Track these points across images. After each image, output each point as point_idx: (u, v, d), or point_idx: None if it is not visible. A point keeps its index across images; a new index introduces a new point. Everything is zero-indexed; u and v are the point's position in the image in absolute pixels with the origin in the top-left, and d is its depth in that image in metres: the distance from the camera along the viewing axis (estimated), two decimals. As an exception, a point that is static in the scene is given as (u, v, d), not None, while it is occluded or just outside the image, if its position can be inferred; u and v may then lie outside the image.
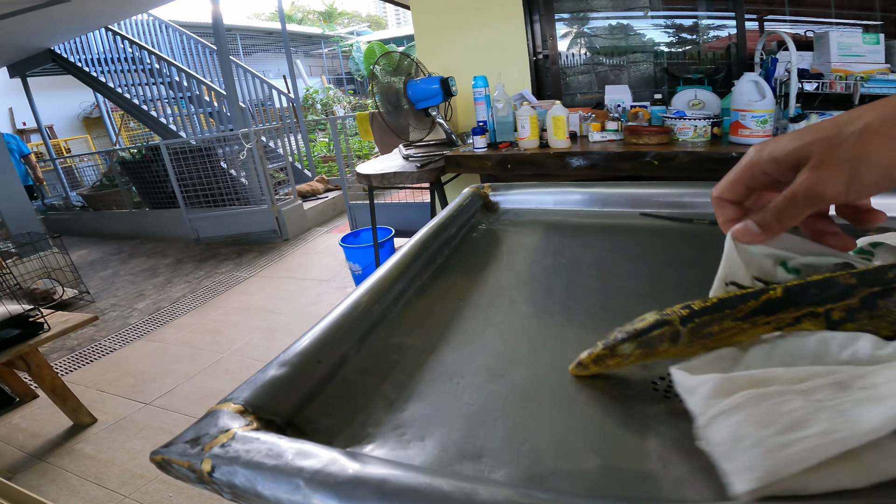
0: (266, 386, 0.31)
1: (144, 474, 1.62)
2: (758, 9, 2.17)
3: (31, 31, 4.69)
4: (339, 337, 0.37)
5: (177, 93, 5.74)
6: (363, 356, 0.38)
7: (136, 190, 4.99)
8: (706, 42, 2.31)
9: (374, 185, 2.04)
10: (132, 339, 2.65)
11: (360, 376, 0.36)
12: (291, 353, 0.34)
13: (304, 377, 0.33)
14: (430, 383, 0.35)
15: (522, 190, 0.73)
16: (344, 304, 0.41)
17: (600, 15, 2.42)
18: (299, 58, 12.19)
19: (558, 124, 1.78)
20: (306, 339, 0.36)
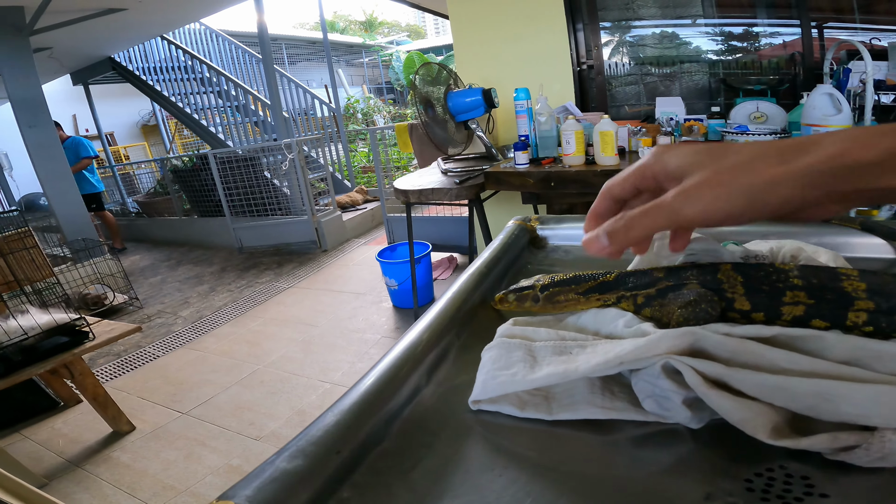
0: (273, 481, 0.26)
1: (175, 486, 1.63)
2: (823, 16, 2.00)
3: (92, 39, 4.96)
4: (365, 419, 0.32)
5: (225, 102, 5.91)
6: (391, 439, 0.32)
7: (186, 197, 5.16)
8: (760, 50, 2.15)
9: (411, 200, 1.99)
10: (175, 346, 2.71)
11: (387, 464, 0.30)
12: (306, 440, 0.29)
13: (320, 470, 0.27)
14: (467, 474, 0.29)
15: (573, 223, 0.65)
16: (371, 376, 0.35)
17: (649, 23, 2.30)
18: (341, 67, 12.44)
19: (606, 139, 1.68)
20: (325, 423, 0.30)
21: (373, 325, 2.61)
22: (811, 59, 2.01)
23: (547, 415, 0.31)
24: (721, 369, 0.27)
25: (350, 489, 0.28)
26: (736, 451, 0.27)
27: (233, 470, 1.67)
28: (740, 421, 0.26)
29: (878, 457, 0.24)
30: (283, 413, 1.95)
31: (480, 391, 0.33)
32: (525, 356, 0.33)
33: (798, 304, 0.32)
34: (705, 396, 0.27)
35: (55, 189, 3.74)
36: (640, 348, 0.29)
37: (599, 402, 0.31)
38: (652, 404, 0.29)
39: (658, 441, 0.29)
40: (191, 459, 1.75)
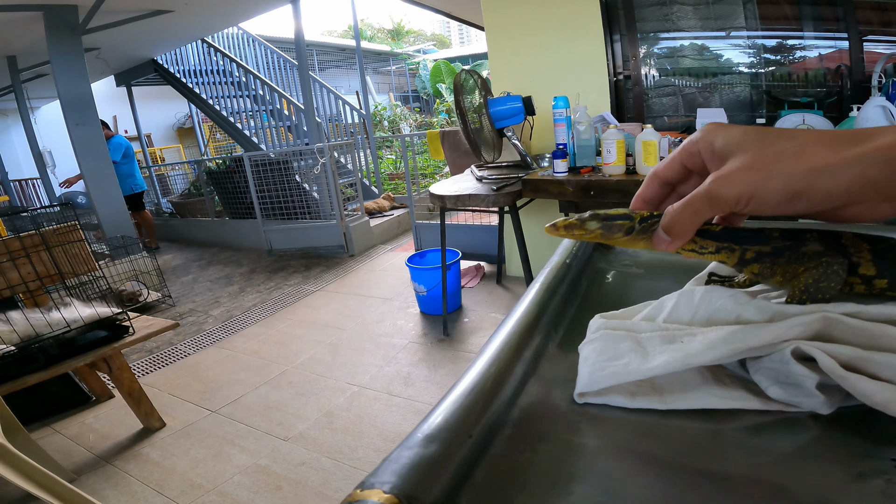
0: (414, 467, 0.25)
1: (203, 484, 1.64)
2: (871, 29, 1.94)
3: (138, 41, 5.13)
4: (489, 403, 0.31)
5: (260, 106, 6.04)
6: (511, 424, 0.32)
7: (219, 199, 5.27)
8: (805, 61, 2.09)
9: (447, 206, 1.99)
10: (206, 344, 2.75)
11: (512, 450, 0.29)
12: (436, 426, 0.28)
13: (455, 455, 0.27)
14: (597, 456, 0.28)
15: None
16: (480, 362, 0.34)
17: (688, 34, 2.27)
18: (369, 74, 12.60)
19: (649, 150, 1.65)
20: (450, 408, 0.29)
21: (400, 330, 2.61)
22: (859, 72, 1.96)
23: (660, 404, 0.30)
24: (855, 352, 0.26)
25: (482, 474, 0.27)
26: (867, 436, 0.26)
27: (261, 470, 1.68)
28: (884, 402, 0.25)
29: None
30: (311, 414, 1.96)
31: (587, 383, 0.31)
32: (634, 346, 0.32)
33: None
34: (842, 379, 0.26)
35: (98, 187, 3.86)
36: (770, 334, 0.28)
37: (716, 390, 0.30)
38: (778, 391, 0.28)
39: (781, 429, 0.28)
40: (219, 458, 1.77)
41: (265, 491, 1.58)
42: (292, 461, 1.70)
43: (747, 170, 0.26)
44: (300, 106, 5.56)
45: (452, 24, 17.25)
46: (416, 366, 2.25)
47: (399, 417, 1.88)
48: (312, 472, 1.64)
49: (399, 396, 2.02)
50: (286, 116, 5.98)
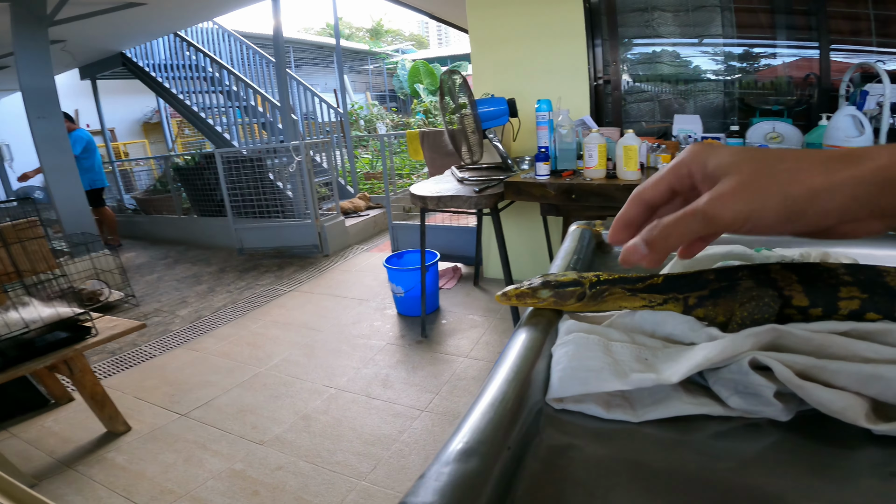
0: (456, 484, 0.23)
1: (174, 490, 1.57)
2: (842, 38, 2.02)
3: (107, 34, 4.92)
4: (520, 411, 0.30)
5: (233, 102, 5.89)
6: (542, 433, 0.31)
7: (187, 196, 5.11)
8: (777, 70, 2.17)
9: (428, 207, 1.98)
10: (173, 346, 2.65)
11: (544, 462, 0.28)
12: (472, 438, 0.26)
13: (493, 469, 0.25)
14: (632, 466, 0.27)
15: None
16: (503, 369, 0.33)
17: (667, 41, 2.32)
18: (346, 73, 12.50)
19: (630, 154, 1.68)
20: (483, 419, 0.28)
21: (377, 332, 2.58)
22: (827, 81, 2.04)
23: (633, 417, 0.30)
24: (809, 361, 0.28)
25: (522, 489, 0.26)
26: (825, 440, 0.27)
27: (236, 474, 1.62)
28: (840, 409, 0.26)
29: None
30: (287, 417, 1.91)
31: (558, 388, 0.31)
32: (605, 356, 0.32)
33: (853, 298, 0.33)
34: (799, 388, 0.27)
35: (59, 182, 3.68)
36: (727, 347, 0.29)
37: (685, 398, 0.31)
38: (738, 401, 0.29)
39: (743, 435, 0.29)
40: (191, 463, 1.70)
41: (241, 496, 1.52)
42: (269, 465, 1.65)
43: (743, 190, 0.26)
44: (276, 103, 5.45)
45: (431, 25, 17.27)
46: (394, 368, 2.22)
47: (378, 420, 1.85)
48: (290, 476, 1.59)
49: (378, 399, 1.98)
50: (260, 113, 5.85)
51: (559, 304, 0.39)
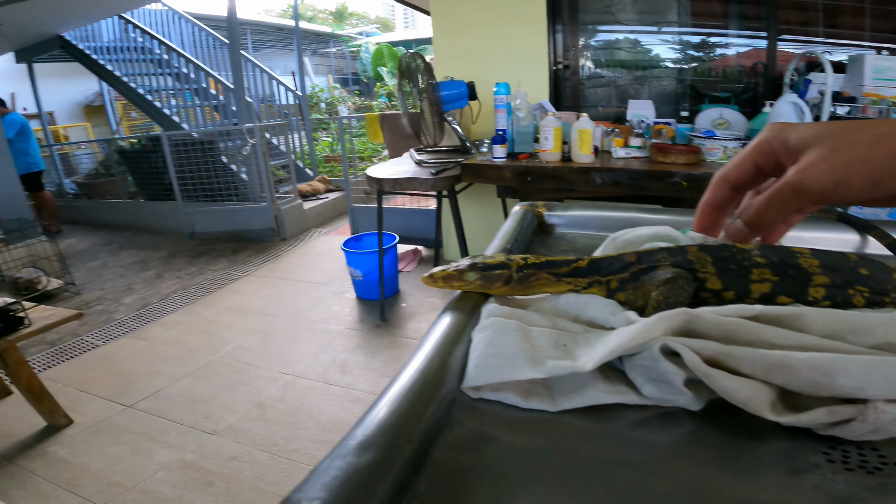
0: (347, 479, 0.22)
1: (122, 482, 1.51)
2: (791, 28, 2.10)
3: (45, 17, 4.60)
4: (428, 402, 0.28)
5: (183, 84, 5.65)
6: (452, 426, 0.29)
7: (133, 180, 4.90)
8: (727, 59, 2.24)
9: (385, 189, 1.94)
10: (117, 335, 2.53)
11: (454, 455, 0.27)
12: (371, 430, 0.25)
13: (394, 463, 0.24)
14: (541, 456, 0.26)
15: (580, 210, 0.64)
16: (418, 359, 0.31)
17: (625, 28, 2.35)
18: (307, 56, 12.15)
19: (584, 138, 1.69)
20: (387, 410, 0.26)
21: (336, 316, 2.54)
22: (773, 70, 2.11)
23: (551, 406, 0.29)
24: (718, 347, 0.27)
25: (424, 483, 0.24)
26: (737, 430, 0.27)
27: (187, 465, 1.57)
28: (744, 399, 0.26)
29: (872, 429, 0.24)
30: (241, 406, 1.86)
31: (473, 375, 0.30)
32: (522, 342, 0.31)
33: (764, 281, 0.33)
34: (706, 377, 0.26)
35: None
36: (640, 333, 0.29)
37: (603, 386, 0.30)
38: (651, 389, 0.29)
39: (658, 425, 0.28)
40: (139, 455, 1.64)
41: (194, 487, 1.48)
42: (223, 455, 1.60)
43: (827, 160, 0.26)
44: (229, 85, 5.26)
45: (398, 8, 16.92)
46: (353, 353, 2.19)
47: (337, 406, 1.82)
48: (246, 465, 1.55)
49: (336, 385, 1.96)
50: (213, 96, 5.62)
51: (486, 288, 0.39)
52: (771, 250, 0.34)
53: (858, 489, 0.22)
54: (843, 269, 0.33)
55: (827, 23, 2.05)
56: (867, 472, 0.24)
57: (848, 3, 2.00)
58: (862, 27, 2.01)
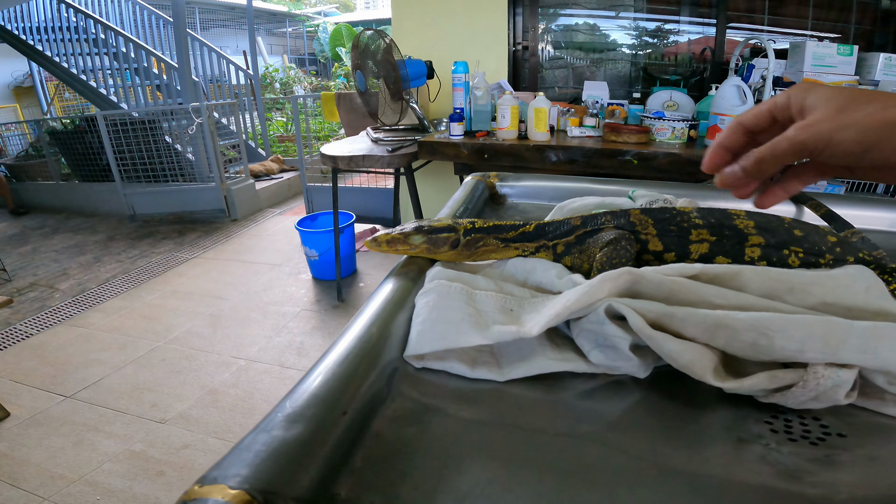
0: (273, 455, 0.20)
1: (66, 475, 1.44)
2: (738, 15, 2.18)
3: None
4: (366, 372, 0.26)
5: (122, 64, 5.33)
6: (394, 397, 0.27)
7: (66, 162, 4.64)
8: (678, 44, 2.31)
9: (339, 167, 1.89)
10: (52, 323, 2.37)
11: (395, 428, 0.25)
12: (301, 401, 0.23)
13: (327, 437, 0.22)
14: (488, 428, 0.25)
15: (533, 181, 0.64)
16: (357, 326, 0.29)
17: (583, 11, 2.37)
18: (261, 35, 11.69)
19: (540, 116, 1.71)
20: (319, 381, 0.24)
21: (291, 298, 2.47)
22: (721, 56, 2.19)
23: (498, 375, 0.28)
24: (662, 308, 0.27)
25: (362, 458, 0.23)
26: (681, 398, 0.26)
27: (135, 455, 1.50)
28: (687, 364, 0.25)
29: (812, 395, 0.24)
30: (191, 393, 1.79)
31: (417, 343, 0.28)
32: (467, 306, 0.30)
33: (703, 241, 0.34)
34: (650, 339, 0.26)
35: None
36: (584, 294, 0.28)
37: (550, 353, 0.29)
38: (599, 355, 0.28)
39: (607, 394, 0.27)
40: (81, 446, 1.55)
41: (144, 477, 1.42)
42: (173, 444, 1.54)
43: (825, 120, 0.28)
44: (173, 64, 5.00)
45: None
46: (309, 335, 2.15)
47: (291, 388, 1.78)
48: (199, 454, 1.50)
49: (292, 368, 1.91)
50: (155, 75, 5.33)
51: (432, 252, 0.38)
52: (709, 212, 0.35)
53: (803, 460, 0.22)
54: (777, 230, 0.34)
55: (773, 12, 2.14)
56: (810, 442, 0.24)
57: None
58: (805, 16, 2.11)
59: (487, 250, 0.38)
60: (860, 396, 0.25)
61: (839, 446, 0.23)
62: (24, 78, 8.67)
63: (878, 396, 0.25)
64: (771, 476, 0.21)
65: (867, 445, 0.23)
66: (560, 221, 0.38)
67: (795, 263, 0.33)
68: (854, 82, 1.83)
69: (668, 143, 1.70)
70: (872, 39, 2.13)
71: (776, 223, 0.35)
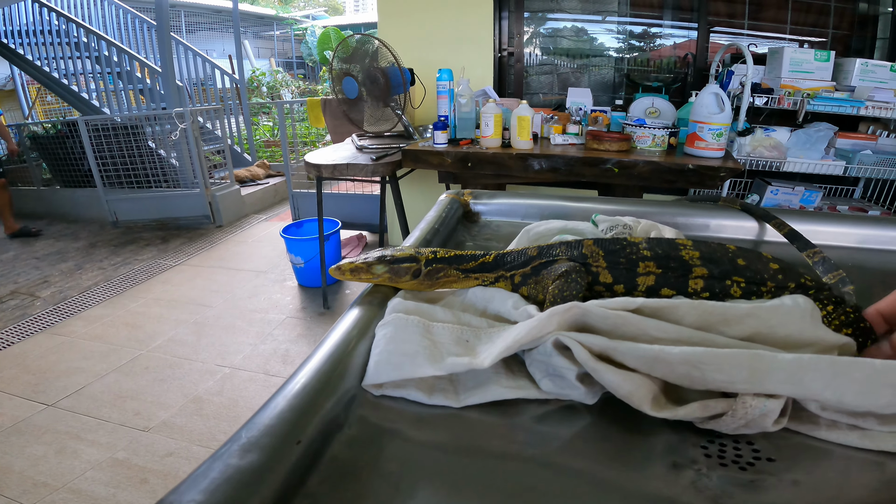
0: (227, 481, 0.21)
1: (49, 483, 1.43)
2: (719, 20, 2.22)
3: None
4: (322, 403, 0.27)
5: (104, 68, 5.28)
6: (352, 425, 0.28)
7: (47, 167, 4.57)
8: (660, 49, 2.34)
9: (323, 175, 1.90)
10: (33, 331, 2.33)
11: (352, 452, 0.26)
12: (259, 430, 0.24)
13: (279, 464, 0.23)
14: (442, 451, 0.26)
15: (506, 199, 0.65)
16: (318, 355, 0.30)
17: (568, 16, 2.40)
18: (248, 38, 11.62)
19: (523, 124, 1.72)
20: (277, 409, 0.26)
21: (276, 305, 2.46)
22: (703, 61, 2.23)
23: (455, 402, 0.29)
24: (605, 342, 0.28)
25: (318, 482, 0.24)
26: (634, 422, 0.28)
27: (118, 463, 1.49)
28: (627, 394, 0.26)
29: (742, 423, 0.25)
30: (175, 401, 1.77)
31: (374, 372, 0.30)
32: (423, 338, 0.31)
33: (649, 273, 0.35)
34: (594, 371, 0.27)
35: None
36: (534, 328, 0.29)
37: (504, 381, 0.30)
38: (549, 384, 0.29)
39: (560, 418, 0.29)
40: (64, 454, 1.54)
41: (128, 485, 1.41)
42: (157, 452, 1.53)
43: None
44: (156, 69, 4.96)
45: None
46: (295, 342, 2.14)
47: (276, 395, 1.78)
48: (183, 461, 1.49)
49: (277, 376, 1.90)
50: (139, 80, 5.28)
51: (394, 281, 0.38)
52: (657, 243, 0.36)
53: (729, 485, 0.23)
54: (721, 260, 0.35)
55: (753, 16, 2.18)
56: (740, 467, 0.25)
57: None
58: (785, 20, 2.15)
59: (448, 280, 0.39)
60: (794, 421, 0.26)
61: (766, 471, 0.24)
62: (6, 81, 8.55)
63: (811, 421, 0.26)
64: (698, 502, 0.23)
65: (794, 469, 0.25)
66: (518, 252, 0.39)
67: (737, 293, 0.34)
68: (831, 88, 1.87)
69: (649, 151, 1.72)
70: (850, 44, 2.18)
71: (720, 253, 0.35)
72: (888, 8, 2.08)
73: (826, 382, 0.24)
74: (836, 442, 0.26)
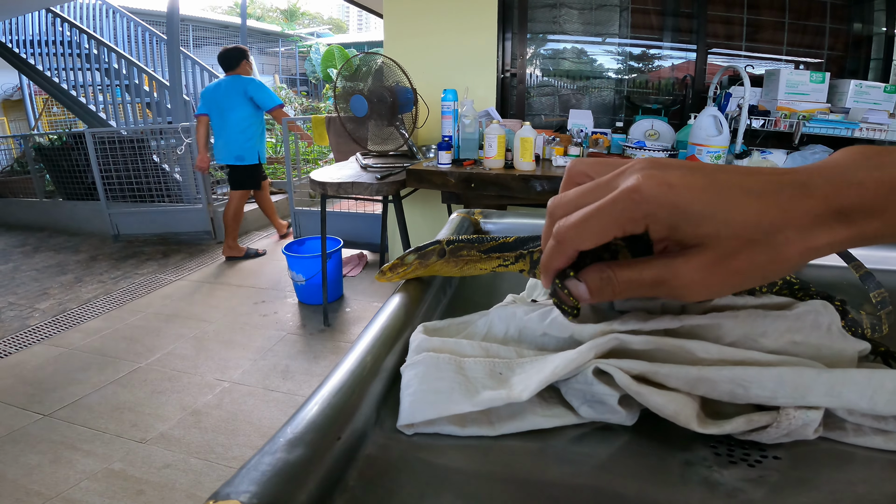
0: (276, 474, 0.22)
1: (42, 492, 1.42)
2: (717, 42, 2.26)
3: None
4: (357, 402, 0.29)
5: (113, 80, 5.34)
6: (384, 422, 0.30)
7: (51, 178, 4.60)
8: (659, 71, 2.39)
9: (329, 193, 1.92)
10: (31, 342, 2.33)
11: (384, 452, 0.28)
12: (304, 426, 0.25)
13: (323, 459, 0.25)
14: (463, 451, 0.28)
15: (515, 218, 0.67)
16: (350, 358, 0.32)
17: (569, 38, 2.45)
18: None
19: (526, 146, 1.75)
20: (316, 409, 0.27)
21: (276, 321, 2.46)
22: (701, 83, 2.27)
23: (491, 431, 0.29)
24: (647, 366, 0.28)
25: (355, 478, 0.25)
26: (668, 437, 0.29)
27: (114, 474, 1.47)
28: (673, 414, 0.27)
29: (785, 433, 0.26)
30: (172, 414, 1.76)
31: (409, 413, 0.29)
32: (456, 375, 0.31)
33: None
34: (637, 395, 0.28)
35: None
36: (572, 361, 0.29)
37: (540, 410, 0.31)
38: (588, 411, 0.30)
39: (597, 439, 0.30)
40: (58, 464, 1.53)
41: (123, 496, 1.40)
42: (154, 464, 1.51)
43: (718, 274, 0.25)
44: (164, 82, 5.02)
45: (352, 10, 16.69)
46: (294, 358, 2.14)
47: (278, 412, 1.77)
48: (180, 473, 1.48)
49: (277, 391, 1.90)
50: (146, 93, 5.34)
51: (423, 265, 0.41)
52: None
53: (737, 481, 0.25)
54: None
55: (752, 37, 2.22)
56: (748, 465, 0.26)
57: (770, 19, 2.19)
58: (781, 42, 2.20)
59: (471, 259, 0.40)
60: (824, 427, 0.28)
61: (773, 468, 0.26)
62: (14, 91, 8.63)
63: (838, 427, 0.28)
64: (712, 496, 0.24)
65: (799, 468, 0.26)
66: (536, 236, 0.40)
67: (764, 290, 0.35)
68: (826, 110, 1.90)
69: (649, 173, 1.75)
70: (844, 65, 2.22)
71: None
72: (882, 28, 2.13)
73: (862, 393, 0.25)
74: (863, 446, 0.27)
